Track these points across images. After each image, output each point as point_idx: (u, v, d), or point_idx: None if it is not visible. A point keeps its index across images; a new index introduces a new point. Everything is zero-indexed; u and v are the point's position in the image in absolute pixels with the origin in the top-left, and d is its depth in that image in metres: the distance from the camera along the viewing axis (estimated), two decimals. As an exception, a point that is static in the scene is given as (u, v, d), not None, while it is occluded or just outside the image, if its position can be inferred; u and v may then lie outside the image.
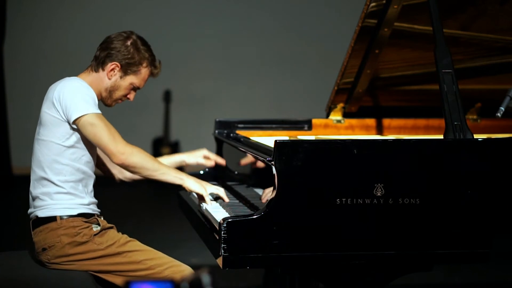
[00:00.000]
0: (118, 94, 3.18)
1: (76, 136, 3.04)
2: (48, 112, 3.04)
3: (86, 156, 3.08)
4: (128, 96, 3.21)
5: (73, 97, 2.99)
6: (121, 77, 3.16)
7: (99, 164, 3.35)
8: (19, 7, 8.50)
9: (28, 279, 2.97)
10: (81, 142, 3.05)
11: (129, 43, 3.17)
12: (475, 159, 2.78)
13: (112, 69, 3.15)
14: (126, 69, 3.15)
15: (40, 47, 8.70)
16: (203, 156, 3.52)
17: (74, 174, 3.05)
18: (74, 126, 3.01)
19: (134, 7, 8.81)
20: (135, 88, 3.21)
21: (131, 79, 3.17)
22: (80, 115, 2.97)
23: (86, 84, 3.08)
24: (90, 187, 3.11)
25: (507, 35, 3.68)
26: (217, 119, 3.90)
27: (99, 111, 3.01)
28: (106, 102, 3.17)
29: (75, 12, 8.74)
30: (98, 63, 3.16)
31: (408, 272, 2.83)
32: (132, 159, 2.96)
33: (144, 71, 3.19)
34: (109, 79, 3.15)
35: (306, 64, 8.94)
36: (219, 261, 2.67)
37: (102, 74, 3.15)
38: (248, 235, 2.66)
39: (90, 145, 3.08)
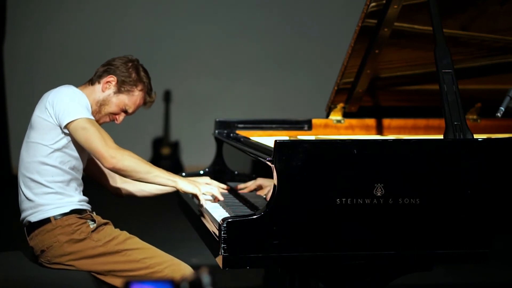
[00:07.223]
0: (107, 109, 3.15)
1: (65, 141, 3.04)
2: (40, 116, 3.04)
3: (72, 162, 3.07)
4: (116, 116, 3.18)
5: (66, 102, 3.01)
6: (114, 93, 3.15)
7: (99, 176, 3.36)
8: (19, 7, 8.50)
9: (28, 279, 2.97)
10: (70, 148, 3.05)
11: (130, 64, 3.19)
12: (475, 159, 2.78)
13: (108, 82, 3.15)
14: (121, 86, 3.15)
15: (40, 48, 8.70)
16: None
17: (62, 176, 3.05)
18: (66, 131, 3.01)
19: (134, 7, 8.81)
20: (125, 111, 3.19)
21: (123, 99, 3.16)
22: (72, 119, 2.98)
23: (80, 91, 3.10)
24: (79, 187, 3.12)
25: (507, 35, 3.68)
26: (217, 119, 3.90)
27: (91, 117, 3.02)
28: (94, 117, 3.09)
29: (75, 12, 8.74)
30: (96, 77, 3.17)
31: (408, 272, 2.82)
32: (123, 163, 2.95)
33: (138, 94, 3.18)
34: (103, 91, 3.15)
35: (306, 64, 8.93)
36: (219, 261, 2.67)
37: (97, 87, 3.16)
38: (248, 235, 2.65)
39: (79, 153, 3.08)
